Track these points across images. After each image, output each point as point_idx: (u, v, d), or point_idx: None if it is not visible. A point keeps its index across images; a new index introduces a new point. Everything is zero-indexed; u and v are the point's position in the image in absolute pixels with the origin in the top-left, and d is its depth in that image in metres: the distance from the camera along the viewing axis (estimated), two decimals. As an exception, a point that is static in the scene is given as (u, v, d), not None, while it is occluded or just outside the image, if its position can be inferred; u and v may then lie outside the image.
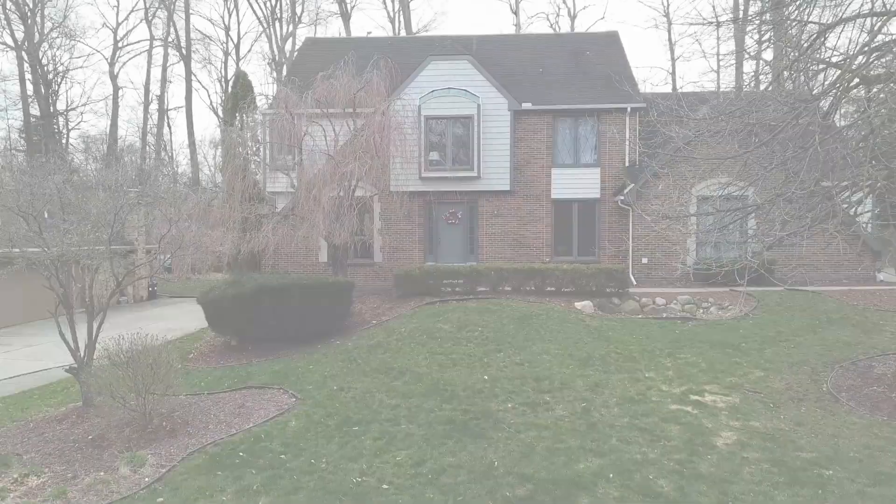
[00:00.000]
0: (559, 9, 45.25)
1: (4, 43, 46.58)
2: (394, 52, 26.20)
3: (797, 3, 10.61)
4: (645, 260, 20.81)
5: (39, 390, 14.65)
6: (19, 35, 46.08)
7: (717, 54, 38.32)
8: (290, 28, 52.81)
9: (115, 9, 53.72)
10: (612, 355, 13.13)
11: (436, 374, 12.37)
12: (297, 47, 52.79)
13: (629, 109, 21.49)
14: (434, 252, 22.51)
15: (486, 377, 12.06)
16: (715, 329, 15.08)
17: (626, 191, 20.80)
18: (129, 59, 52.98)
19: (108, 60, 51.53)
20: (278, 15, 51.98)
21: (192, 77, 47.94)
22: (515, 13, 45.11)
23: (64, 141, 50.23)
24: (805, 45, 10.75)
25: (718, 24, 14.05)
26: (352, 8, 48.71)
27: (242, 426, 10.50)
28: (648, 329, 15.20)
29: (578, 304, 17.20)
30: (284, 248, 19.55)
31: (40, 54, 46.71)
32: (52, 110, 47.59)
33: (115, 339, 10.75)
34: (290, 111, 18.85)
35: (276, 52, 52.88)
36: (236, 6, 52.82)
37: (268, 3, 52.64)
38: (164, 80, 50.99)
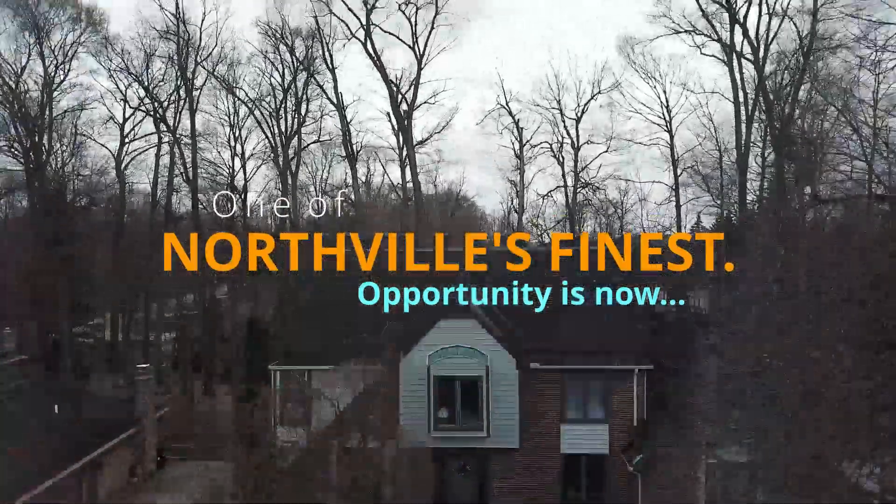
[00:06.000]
0: (563, 139, 45.24)
1: (15, 157, 46.76)
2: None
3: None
4: (657, 528, 20.85)
5: None
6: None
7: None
8: (295, 125, 53.34)
9: (123, 102, 52.71)
10: None
11: None
12: (301, 147, 53.40)
13: (637, 371, 21.56)
14: (445, 507, 22.69)
15: None
16: None
17: (635, 461, 20.81)
18: (137, 154, 52.42)
19: (115, 156, 51.67)
20: (282, 115, 52.46)
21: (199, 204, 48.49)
22: (519, 156, 45.75)
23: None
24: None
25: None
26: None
27: None
28: None
29: None
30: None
31: (48, 172, 46.81)
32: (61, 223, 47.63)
33: None
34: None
35: (279, 145, 53.11)
36: (239, 134, 53.29)
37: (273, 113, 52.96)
38: (171, 191, 51.08)
